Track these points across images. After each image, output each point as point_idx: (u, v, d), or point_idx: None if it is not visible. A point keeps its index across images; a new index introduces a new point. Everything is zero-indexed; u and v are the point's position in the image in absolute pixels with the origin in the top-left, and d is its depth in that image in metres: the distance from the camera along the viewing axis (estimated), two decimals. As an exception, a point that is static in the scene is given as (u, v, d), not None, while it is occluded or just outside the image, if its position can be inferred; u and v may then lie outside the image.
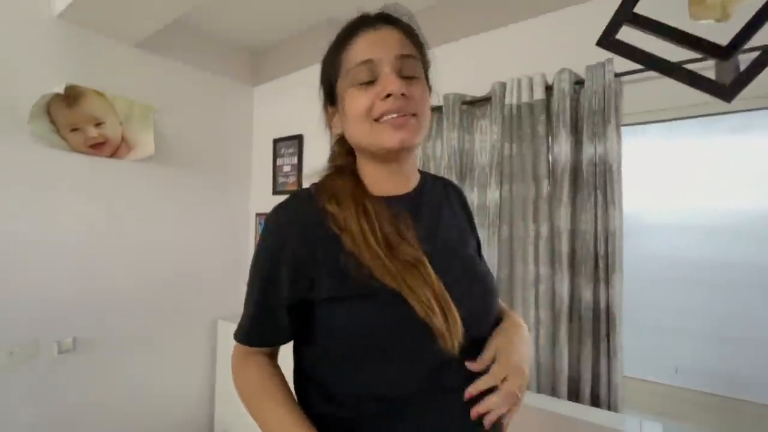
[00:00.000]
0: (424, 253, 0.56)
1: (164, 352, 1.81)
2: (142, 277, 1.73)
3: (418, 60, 0.59)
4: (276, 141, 2.09)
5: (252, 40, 2.10)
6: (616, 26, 0.51)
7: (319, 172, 0.67)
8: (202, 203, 1.98)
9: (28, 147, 1.41)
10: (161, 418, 1.81)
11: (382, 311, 0.53)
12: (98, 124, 1.58)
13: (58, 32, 1.50)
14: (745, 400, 1.16)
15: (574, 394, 1.26)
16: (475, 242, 0.73)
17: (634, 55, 0.54)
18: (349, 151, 0.66)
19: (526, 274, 1.37)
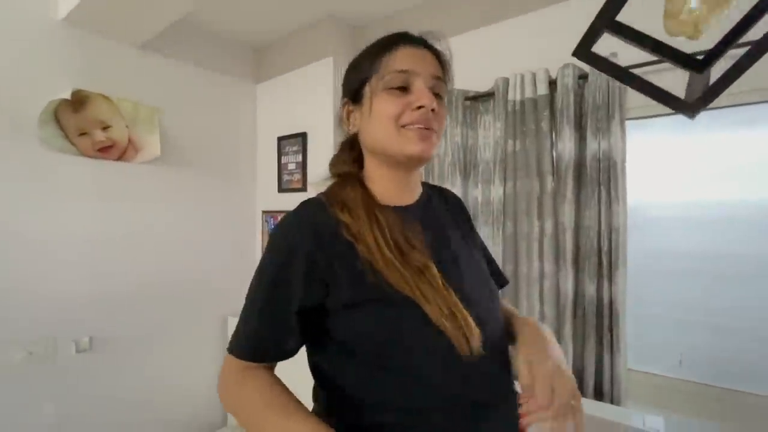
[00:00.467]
0: (433, 261, 0.57)
1: (177, 349, 1.86)
2: (154, 277, 1.77)
3: (445, 86, 0.63)
4: (280, 139, 2.10)
5: (254, 37, 2.10)
6: (591, 39, 0.58)
7: (324, 180, 0.67)
8: (209, 202, 2.00)
9: (39, 153, 1.44)
10: (177, 412, 1.86)
11: (401, 315, 0.53)
12: (105, 127, 1.60)
13: (62, 36, 1.51)
14: (749, 392, 1.17)
15: (578, 388, 1.28)
16: (479, 245, 0.75)
17: (608, 69, 0.61)
18: (355, 158, 0.67)
19: (530, 270, 1.38)
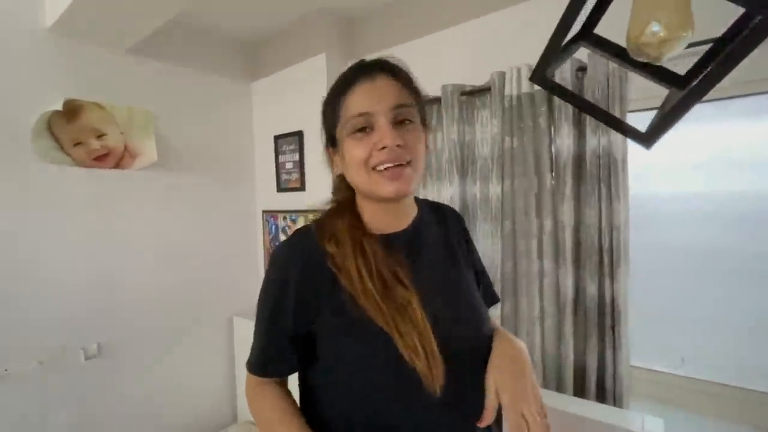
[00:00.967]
0: (417, 292, 0.58)
1: (185, 351, 1.90)
2: (158, 281, 1.79)
3: (413, 107, 0.61)
4: (277, 138, 2.08)
5: (245, 34, 2.05)
6: (545, 64, 0.60)
7: (322, 206, 0.71)
8: (210, 205, 2.01)
9: (35, 166, 1.44)
10: (187, 413, 1.91)
11: (374, 349, 0.56)
12: (100, 135, 1.59)
13: (50, 46, 1.49)
14: (752, 390, 1.16)
15: (580, 386, 1.28)
16: (473, 264, 0.75)
17: (561, 94, 0.62)
18: (349, 186, 0.69)
19: (530, 268, 1.36)
